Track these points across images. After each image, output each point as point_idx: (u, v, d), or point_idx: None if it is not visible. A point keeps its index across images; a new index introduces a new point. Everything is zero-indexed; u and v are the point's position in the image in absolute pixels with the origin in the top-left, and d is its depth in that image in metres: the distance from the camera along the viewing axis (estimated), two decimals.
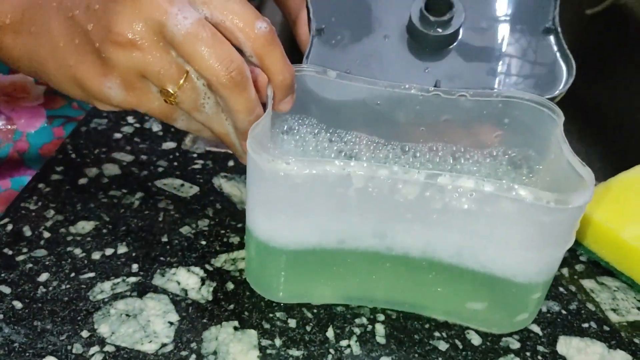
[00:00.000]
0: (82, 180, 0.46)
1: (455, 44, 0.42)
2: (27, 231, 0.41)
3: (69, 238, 0.41)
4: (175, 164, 0.48)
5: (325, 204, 0.33)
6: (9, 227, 0.41)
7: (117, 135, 0.50)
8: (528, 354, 0.36)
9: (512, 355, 0.36)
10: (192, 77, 0.32)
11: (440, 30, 0.41)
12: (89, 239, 0.41)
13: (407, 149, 0.42)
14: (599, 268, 0.43)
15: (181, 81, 0.32)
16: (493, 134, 0.42)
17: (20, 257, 0.39)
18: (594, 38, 0.91)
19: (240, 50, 0.33)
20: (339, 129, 0.42)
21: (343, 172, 0.32)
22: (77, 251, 0.40)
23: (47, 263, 0.39)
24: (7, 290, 0.37)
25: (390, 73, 0.42)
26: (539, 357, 0.36)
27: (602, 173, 0.86)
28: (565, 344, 0.37)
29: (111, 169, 0.47)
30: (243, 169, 0.45)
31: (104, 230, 0.42)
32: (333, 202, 0.32)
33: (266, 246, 0.35)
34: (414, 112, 0.40)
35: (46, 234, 0.41)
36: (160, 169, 0.47)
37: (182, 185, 0.46)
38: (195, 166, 0.48)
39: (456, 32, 0.42)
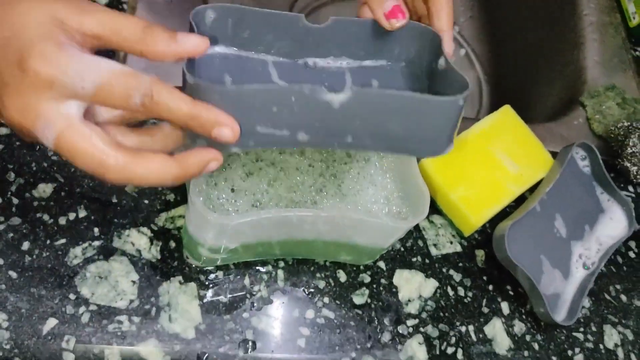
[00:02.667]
0: None
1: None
2: None
3: (35, 203, 0.51)
4: None
5: (252, 232, 0.46)
6: None
7: None
8: (374, 285, 0.56)
9: (364, 288, 0.55)
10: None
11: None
12: (52, 203, 0.51)
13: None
14: (432, 207, 0.61)
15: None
16: None
17: (1, 227, 0.49)
18: None
19: None
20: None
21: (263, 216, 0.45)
22: (46, 217, 0.51)
23: (24, 231, 0.50)
24: (0, 261, 0.48)
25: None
26: (381, 288, 0.56)
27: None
28: (399, 276, 0.57)
29: None
30: None
31: (62, 193, 0.52)
32: (258, 230, 0.46)
33: (204, 247, 0.48)
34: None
35: (15, 200, 0.51)
36: None
37: None
38: None
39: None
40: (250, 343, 0.50)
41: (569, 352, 0.57)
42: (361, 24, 0.46)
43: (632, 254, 0.65)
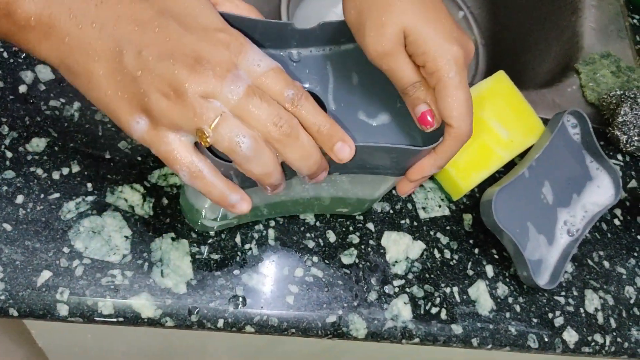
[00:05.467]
0: (22, 89, 0.53)
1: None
2: None
3: (29, 157, 0.51)
4: None
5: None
6: None
7: None
8: (363, 246, 0.57)
9: (353, 249, 0.57)
10: (227, 115, 0.36)
11: None
12: (45, 157, 0.52)
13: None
14: None
15: (216, 121, 0.35)
16: None
17: None
18: None
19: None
20: None
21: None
22: (39, 171, 0.51)
23: (18, 185, 0.50)
24: None
25: None
26: (369, 249, 0.57)
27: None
28: (387, 238, 0.58)
29: (44, 73, 0.54)
30: None
31: (56, 148, 0.52)
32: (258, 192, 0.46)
33: (201, 215, 0.49)
34: None
35: (8, 154, 0.51)
36: None
37: None
38: None
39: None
40: (240, 299, 0.51)
41: (550, 315, 0.59)
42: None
43: (617, 222, 0.66)
